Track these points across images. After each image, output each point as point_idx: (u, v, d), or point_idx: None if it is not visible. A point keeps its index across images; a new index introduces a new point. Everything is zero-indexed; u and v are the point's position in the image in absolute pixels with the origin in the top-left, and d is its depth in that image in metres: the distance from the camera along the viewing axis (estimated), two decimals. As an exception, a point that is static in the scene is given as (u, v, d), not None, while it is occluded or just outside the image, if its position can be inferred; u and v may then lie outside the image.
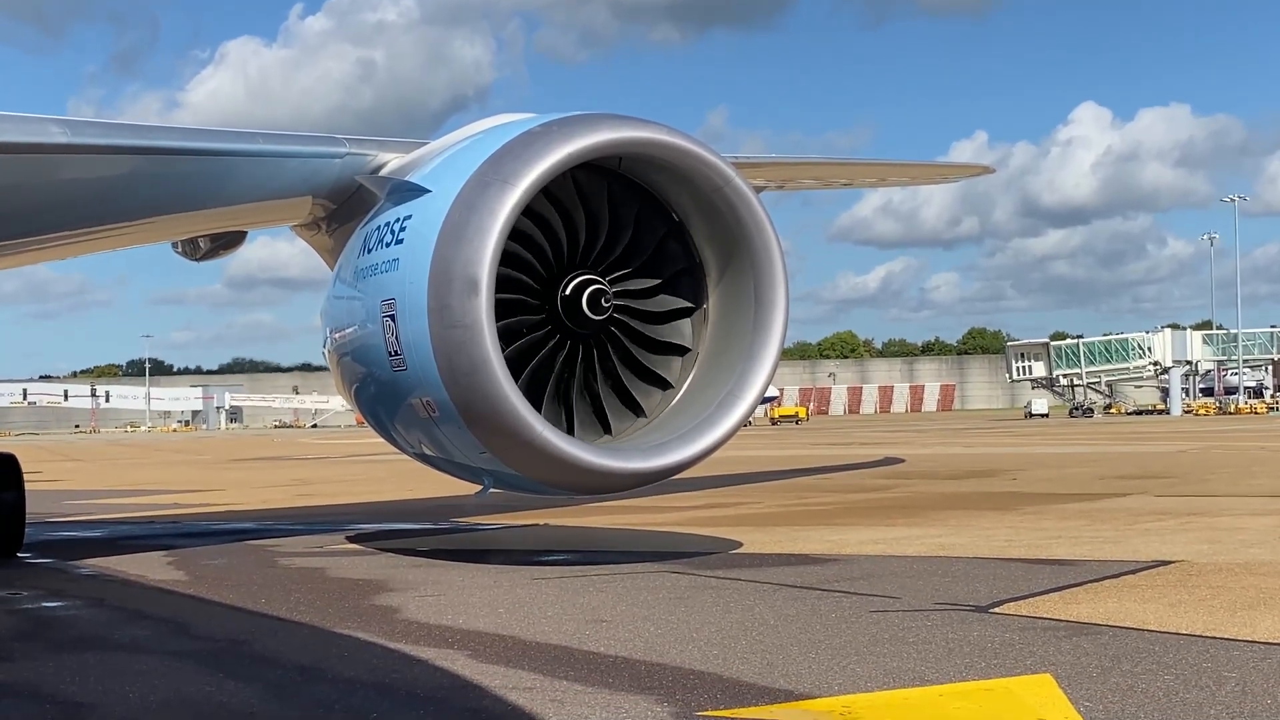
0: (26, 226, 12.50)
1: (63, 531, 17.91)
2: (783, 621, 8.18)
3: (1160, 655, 6.77)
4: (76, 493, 29.04)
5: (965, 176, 26.13)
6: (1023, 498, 18.42)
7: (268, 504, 22.88)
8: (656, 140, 10.81)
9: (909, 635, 7.57)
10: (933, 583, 9.80)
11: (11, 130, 11.01)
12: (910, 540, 12.88)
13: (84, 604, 10.28)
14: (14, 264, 15.33)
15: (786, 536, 13.63)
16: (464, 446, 10.90)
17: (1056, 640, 7.28)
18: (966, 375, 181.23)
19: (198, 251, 15.43)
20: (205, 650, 8.03)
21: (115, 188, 12.11)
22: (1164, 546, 11.71)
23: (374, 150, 12.79)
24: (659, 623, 8.25)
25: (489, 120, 11.96)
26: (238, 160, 12.38)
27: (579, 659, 7.16)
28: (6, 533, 14.02)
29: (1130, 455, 31.78)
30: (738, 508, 18.04)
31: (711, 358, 11.65)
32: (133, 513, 21.65)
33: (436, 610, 9.13)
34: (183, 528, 18.04)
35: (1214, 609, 8.20)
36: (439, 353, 10.18)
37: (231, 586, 10.96)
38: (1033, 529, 13.72)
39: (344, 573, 11.75)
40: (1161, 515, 14.85)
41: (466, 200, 10.26)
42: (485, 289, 10.03)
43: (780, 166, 18.84)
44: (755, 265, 11.29)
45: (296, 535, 15.83)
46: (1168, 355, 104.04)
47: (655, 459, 10.97)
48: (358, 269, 11.37)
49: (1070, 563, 10.83)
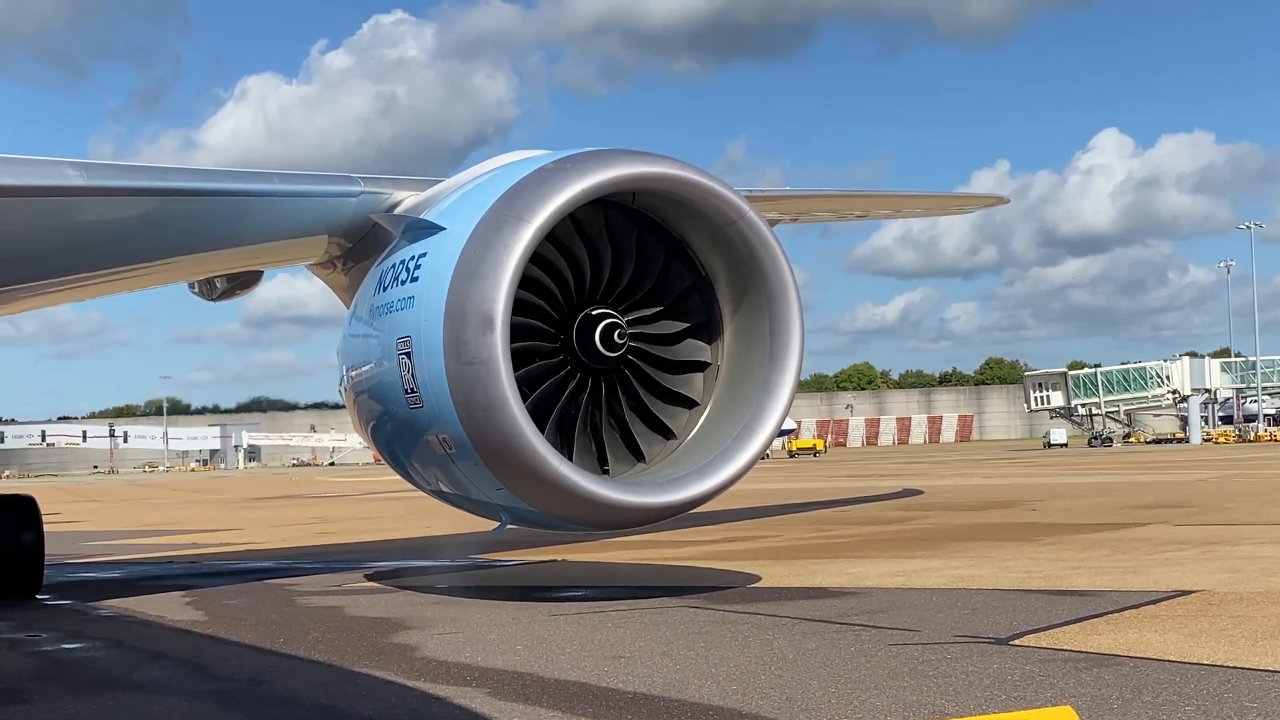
0: (44, 269, 12.58)
1: (82, 573, 17.93)
2: (802, 656, 8.15)
3: (1181, 686, 6.72)
4: (95, 533, 29.09)
5: (980, 207, 26.11)
6: (1042, 528, 18.34)
7: (286, 543, 22.89)
8: (669, 175, 10.84)
9: (929, 668, 7.53)
10: (952, 615, 9.76)
11: (28, 173, 11.09)
12: (929, 572, 12.83)
13: (103, 645, 10.29)
14: (31, 306, 15.40)
15: (805, 570, 13.59)
16: (481, 483, 10.89)
17: (1077, 672, 7.24)
18: (984, 405, 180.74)
19: (214, 291, 15.50)
20: (224, 690, 8.03)
21: (131, 229, 12.18)
22: (1185, 576, 11.65)
23: (388, 188, 12.85)
24: (678, 658, 8.23)
25: (503, 157, 12.01)
26: (253, 200, 12.45)
27: (598, 695, 7.14)
28: (26, 574, 14.05)
29: (1150, 484, 31.63)
30: (756, 541, 17.99)
31: (727, 391, 11.63)
32: (151, 553, 21.68)
33: (455, 648, 9.12)
34: (201, 567, 18.06)
35: (1235, 639, 8.15)
36: (455, 389, 10.19)
37: (250, 626, 10.96)
38: (1053, 560, 13.67)
39: (362, 611, 11.74)
40: (1182, 545, 14.77)
41: (481, 237, 10.29)
42: (500, 325, 10.05)
43: (794, 199, 18.86)
44: (770, 299, 11.29)
45: (315, 574, 15.83)
46: (1186, 383, 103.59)
47: (672, 493, 10.94)
48: (373, 307, 11.41)
49: (1091, 593, 10.77)
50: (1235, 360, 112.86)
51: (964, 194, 34.70)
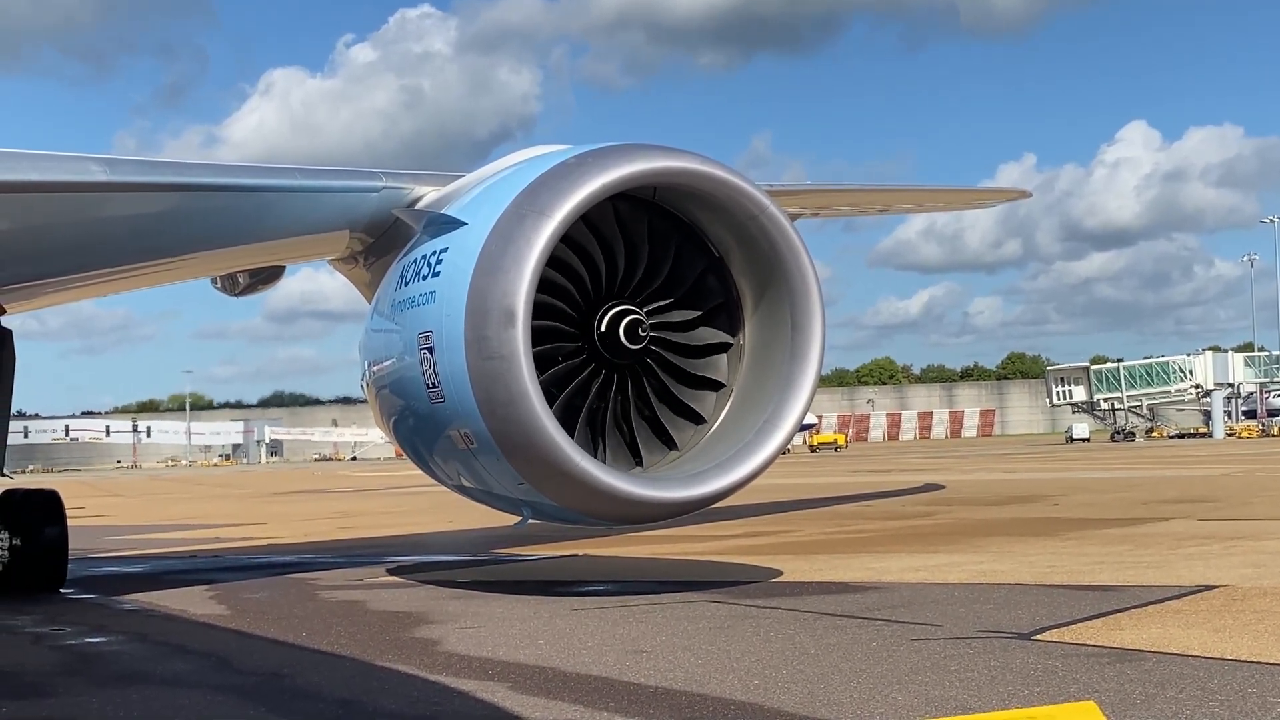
0: (67, 264, 12.64)
1: (105, 567, 18.01)
2: (824, 650, 8.15)
3: (1205, 681, 6.70)
4: (118, 528, 29.22)
5: (1002, 201, 26.00)
6: (1065, 523, 18.28)
7: (309, 537, 22.95)
8: (690, 170, 10.84)
9: (951, 663, 7.52)
10: (974, 610, 9.73)
11: (53, 169, 11.15)
12: (951, 567, 12.81)
13: (126, 639, 10.33)
14: (54, 301, 15.48)
15: (827, 564, 13.57)
16: (502, 478, 10.91)
17: (1100, 667, 7.21)
18: (1006, 400, 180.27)
19: (236, 287, 15.54)
20: (247, 684, 8.05)
21: (154, 225, 12.22)
22: (1208, 571, 11.60)
23: (410, 184, 12.87)
24: (699, 653, 8.23)
25: (524, 152, 12.02)
26: (275, 196, 12.48)
27: (619, 690, 7.14)
28: (50, 568, 14.11)
29: (1173, 479, 31.50)
30: (777, 536, 17.98)
31: (748, 386, 11.62)
32: (174, 547, 21.77)
33: (477, 642, 9.13)
34: (224, 561, 18.13)
35: (1259, 634, 8.11)
36: (476, 384, 10.21)
37: (273, 620, 10.99)
38: (1075, 554, 13.62)
39: (384, 605, 11.77)
40: (1205, 539, 14.71)
41: (503, 232, 10.30)
42: (522, 320, 10.06)
43: (815, 194, 18.81)
44: (791, 293, 11.28)
45: (337, 568, 15.87)
46: (1209, 378, 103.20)
47: (694, 488, 10.94)
48: (395, 302, 11.43)
49: (1113, 588, 10.74)
50: (1259, 355, 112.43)
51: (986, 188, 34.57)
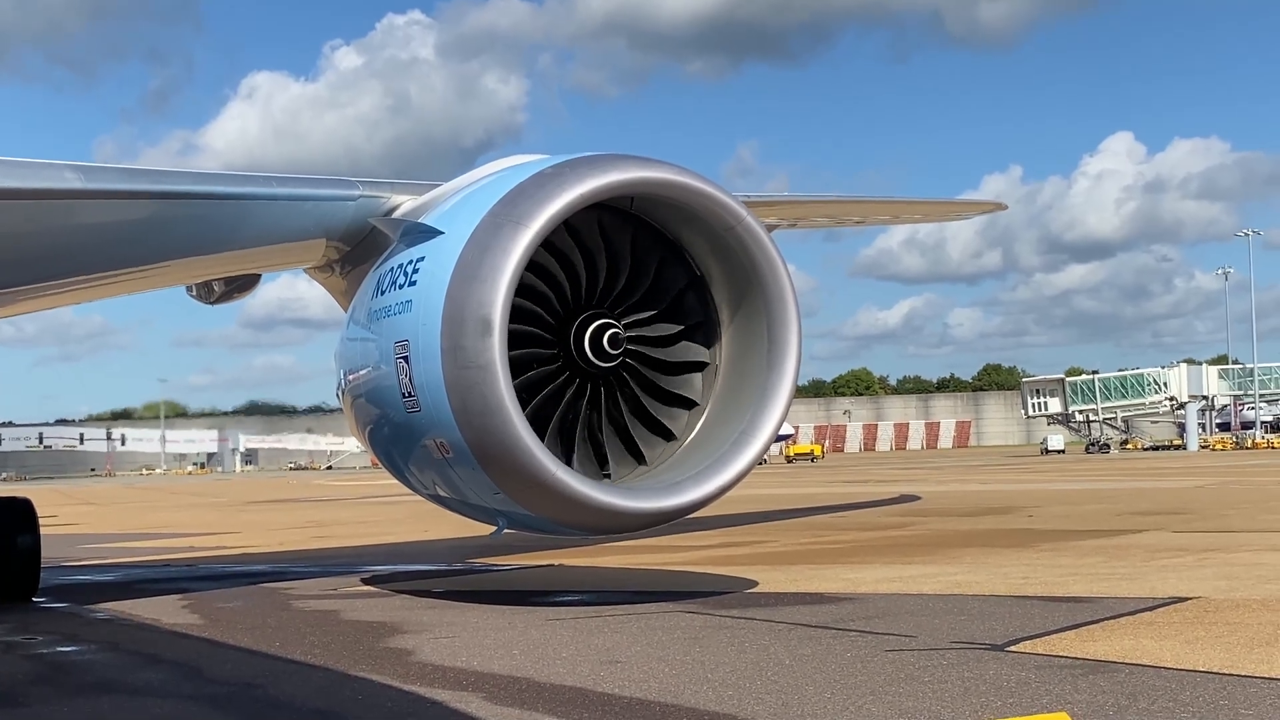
0: (42, 271, 12.57)
1: (78, 575, 17.92)
2: (798, 661, 8.15)
3: (1177, 693, 6.73)
4: (91, 536, 29.08)
5: (979, 213, 26.11)
6: (1039, 535, 18.35)
7: (283, 546, 22.88)
8: (667, 180, 10.85)
9: (925, 674, 7.53)
10: (949, 621, 9.76)
11: (28, 176, 11.09)
12: (926, 578, 12.83)
13: (99, 648, 10.28)
14: (29, 309, 15.39)
15: (802, 575, 13.58)
16: (478, 487, 10.89)
17: (1073, 678, 7.24)
18: (982, 412, 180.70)
19: (212, 295, 15.50)
20: (219, 694, 8.02)
21: (130, 232, 12.17)
22: (1181, 583, 11.65)
23: (387, 192, 12.84)
24: (674, 663, 8.23)
25: (501, 162, 12.01)
26: (251, 204, 12.44)
27: (594, 700, 7.13)
28: (22, 577, 14.03)
29: (1147, 491, 31.64)
30: (753, 546, 17.99)
31: (725, 397, 11.64)
32: (148, 556, 21.65)
33: (451, 652, 9.11)
34: (198, 571, 18.04)
35: (1231, 646, 8.15)
36: (452, 394, 10.19)
37: (246, 630, 10.95)
38: (1049, 566, 13.66)
39: (359, 615, 11.73)
40: (1179, 551, 14.78)
41: (480, 241, 10.29)
42: (499, 330, 10.05)
43: (793, 205, 18.84)
44: (768, 305, 11.29)
45: (311, 578, 15.81)
46: (1184, 390, 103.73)
47: (670, 498, 10.94)
48: (371, 311, 11.41)
49: (1087, 600, 10.78)
50: (1233, 367, 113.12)
51: (962, 200, 34.67)
